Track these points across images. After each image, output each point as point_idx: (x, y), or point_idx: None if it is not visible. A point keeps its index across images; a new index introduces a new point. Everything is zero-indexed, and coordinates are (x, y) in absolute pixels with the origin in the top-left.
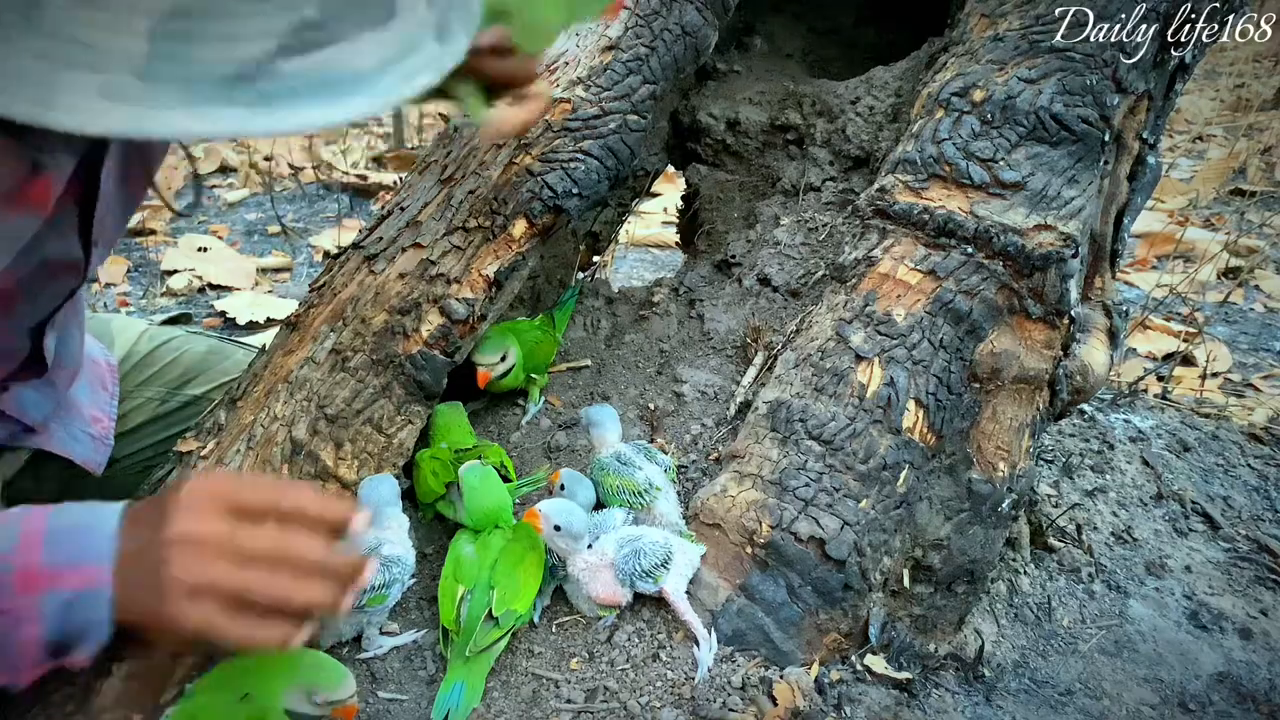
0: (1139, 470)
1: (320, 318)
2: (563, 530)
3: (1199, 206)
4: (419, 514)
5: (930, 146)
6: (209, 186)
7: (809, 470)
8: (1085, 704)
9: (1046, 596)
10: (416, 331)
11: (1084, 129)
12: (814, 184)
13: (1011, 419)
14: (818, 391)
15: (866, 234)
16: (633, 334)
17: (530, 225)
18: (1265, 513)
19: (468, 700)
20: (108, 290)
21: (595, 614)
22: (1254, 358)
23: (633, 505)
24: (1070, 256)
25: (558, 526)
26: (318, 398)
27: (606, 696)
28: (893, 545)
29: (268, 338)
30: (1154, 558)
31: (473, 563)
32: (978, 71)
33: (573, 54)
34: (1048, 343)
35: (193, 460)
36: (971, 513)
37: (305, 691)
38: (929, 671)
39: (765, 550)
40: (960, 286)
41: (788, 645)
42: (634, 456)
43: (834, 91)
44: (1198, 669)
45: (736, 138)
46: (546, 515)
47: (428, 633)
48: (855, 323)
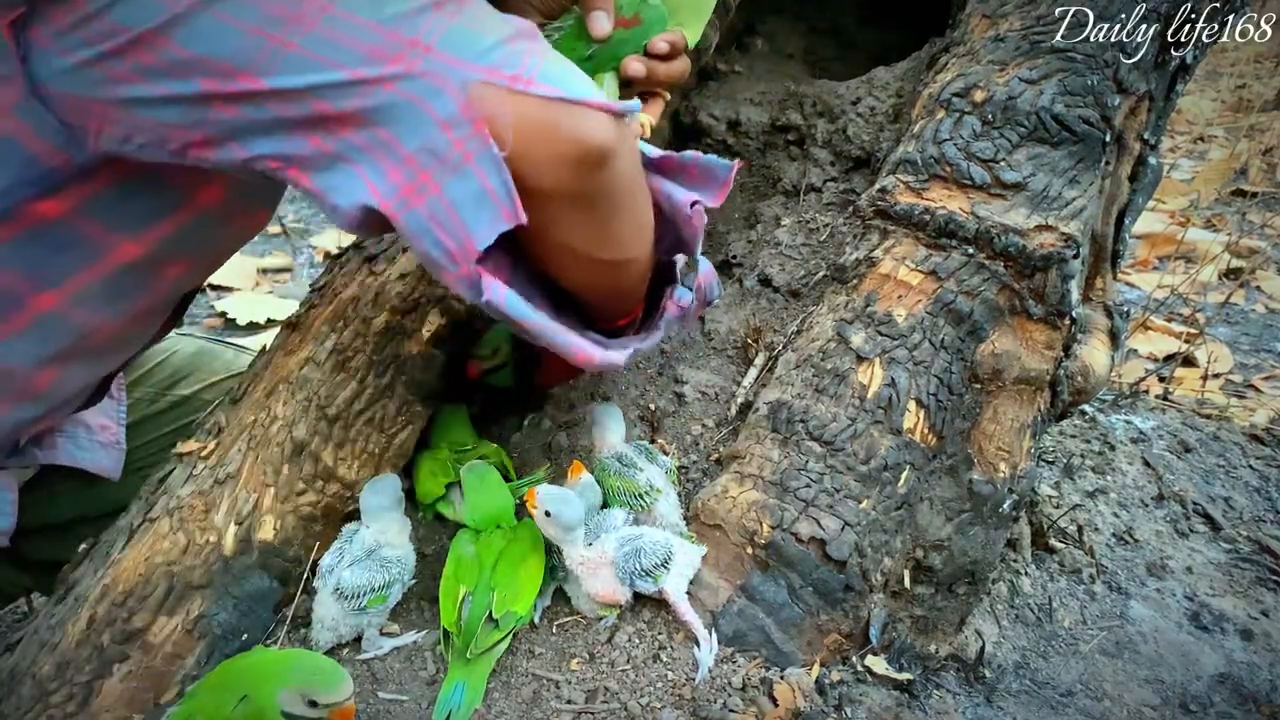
0: (1140, 471)
1: (321, 318)
2: (552, 517)
3: (1200, 207)
4: (419, 514)
5: (931, 147)
6: None
7: (810, 471)
8: (1086, 705)
9: (1047, 597)
10: (418, 332)
11: (1085, 129)
12: (815, 184)
13: (1012, 420)
14: (818, 392)
15: (867, 234)
16: None
17: None
18: (1266, 514)
19: (469, 701)
20: None
21: (595, 613)
22: (1255, 359)
23: (633, 507)
24: (1071, 257)
25: (547, 512)
26: (319, 398)
27: (607, 697)
28: (894, 546)
29: (268, 338)
30: (1155, 559)
31: (474, 563)
32: (979, 72)
33: None
34: (1049, 343)
35: (194, 462)
36: (972, 513)
37: (301, 694)
38: (930, 672)
39: (766, 551)
40: (961, 287)
41: (788, 646)
42: (635, 458)
43: (835, 92)
44: (1199, 670)
45: (737, 138)
46: (540, 499)
47: (428, 633)
48: (856, 323)
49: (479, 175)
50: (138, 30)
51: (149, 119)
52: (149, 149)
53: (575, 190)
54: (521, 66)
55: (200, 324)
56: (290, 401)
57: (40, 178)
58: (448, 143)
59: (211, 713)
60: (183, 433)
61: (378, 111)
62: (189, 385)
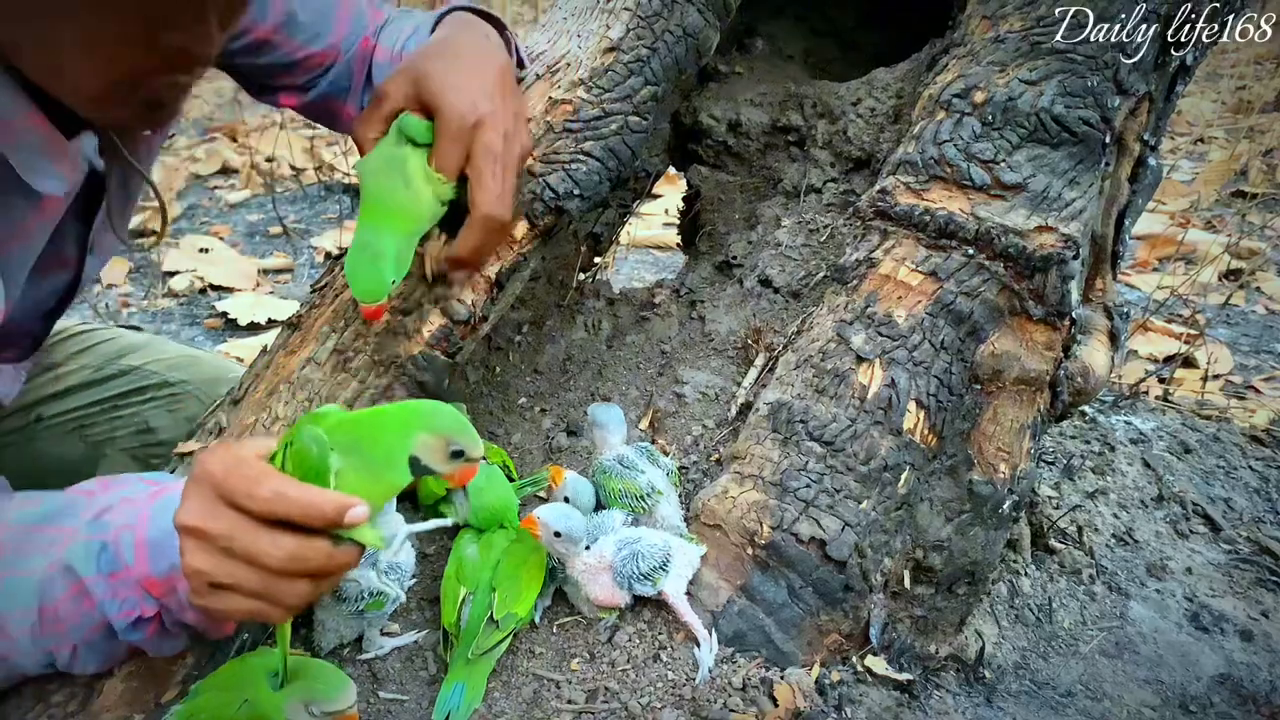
0: (1140, 472)
1: (322, 318)
2: (563, 536)
3: (1200, 208)
4: (420, 516)
5: (931, 148)
6: (211, 188)
7: (810, 471)
8: (1086, 705)
9: (1047, 598)
10: (418, 332)
11: (1085, 131)
12: (815, 185)
13: (1012, 420)
14: (819, 393)
15: (867, 235)
16: (634, 335)
17: (532, 226)
18: (1266, 515)
19: (469, 701)
20: (109, 291)
21: (595, 615)
22: (1255, 360)
23: (634, 509)
24: (1071, 258)
25: (558, 533)
26: (319, 398)
27: (607, 697)
28: (894, 546)
29: (268, 338)
30: (1155, 559)
31: (475, 564)
32: (979, 73)
33: (575, 55)
34: (1049, 344)
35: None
36: (972, 514)
37: (305, 701)
38: (930, 673)
39: (766, 551)
40: (961, 288)
41: (788, 646)
42: (636, 459)
43: (835, 93)
44: (1199, 671)
45: (738, 139)
46: (545, 522)
47: (428, 633)
48: (856, 324)
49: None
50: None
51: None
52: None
53: None
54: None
55: (201, 324)
56: (291, 402)
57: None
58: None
59: (213, 713)
60: (128, 396)
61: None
62: (138, 359)
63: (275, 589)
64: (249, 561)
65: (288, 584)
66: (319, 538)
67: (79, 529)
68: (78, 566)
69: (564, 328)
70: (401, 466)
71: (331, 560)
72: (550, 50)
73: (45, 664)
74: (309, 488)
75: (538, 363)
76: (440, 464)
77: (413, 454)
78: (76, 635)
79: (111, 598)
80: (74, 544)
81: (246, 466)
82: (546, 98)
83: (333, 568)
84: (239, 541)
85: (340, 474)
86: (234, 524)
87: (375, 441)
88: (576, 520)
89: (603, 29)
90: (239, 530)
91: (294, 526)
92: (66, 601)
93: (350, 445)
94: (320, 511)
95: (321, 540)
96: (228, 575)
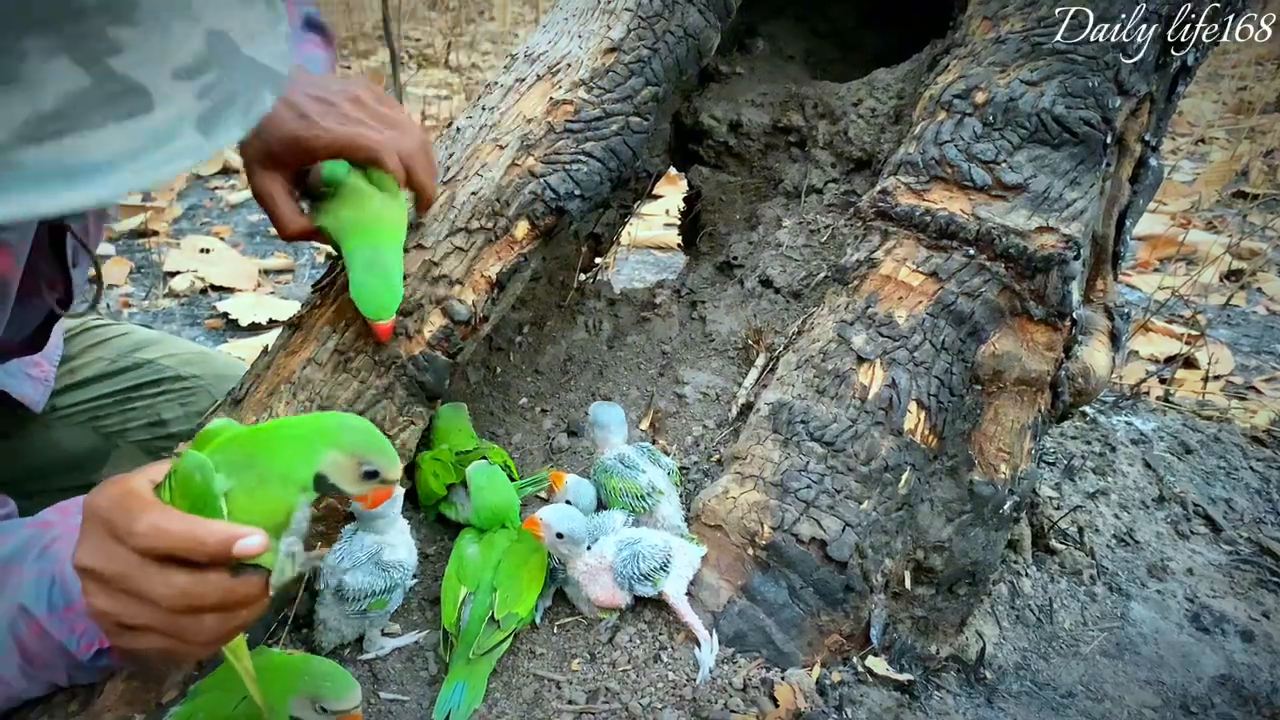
0: (1141, 472)
1: (323, 318)
2: (566, 537)
3: (1201, 209)
4: (420, 515)
5: (932, 148)
6: (212, 188)
7: (810, 472)
8: (1087, 706)
9: (1048, 598)
10: (419, 333)
11: (1086, 131)
12: (816, 186)
13: (1013, 421)
14: (819, 393)
15: (868, 236)
16: (634, 335)
17: (533, 227)
18: (1267, 515)
19: (469, 701)
20: (110, 291)
21: (596, 616)
22: (1256, 360)
23: (635, 509)
24: (1072, 258)
25: (561, 534)
26: (320, 398)
27: (608, 697)
28: (894, 547)
29: (269, 339)
30: (1156, 560)
31: (476, 564)
32: (980, 73)
33: (576, 56)
34: (1049, 345)
35: None
36: (973, 514)
37: (310, 700)
38: (930, 673)
39: (767, 552)
40: (962, 288)
41: (789, 646)
42: (637, 459)
43: (836, 93)
44: (1199, 671)
45: (738, 139)
46: (548, 524)
47: (429, 633)
48: (857, 324)
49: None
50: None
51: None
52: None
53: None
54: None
55: (202, 324)
56: (292, 402)
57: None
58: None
59: (213, 713)
60: (141, 389)
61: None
62: (152, 353)
63: (179, 628)
64: (147, 601)
65: (191, 621)
66: (216, 570)
67: (26, 567)
68: (30, 606)
69: (565, 328)
70: (302, 484)
71: (231, 594)
72: (551, 51)
73: (49, 688)
74: (191, 520)
75: (538, 363)
76: (350, 484)
77: (320, 471)
78: (59, 666)
79: (70, 634)
80: (25, 582)
81: (130, 499)
82: (547, 98)
83: (235, 601)
84: (132, 581)
85: (231, 495)
86: (125, 562)
87: (273, 456)
88: (579, 521)
89: (604, 29)
90: (130, 568)
91: (188, 560)
92: (33, 641)
93: (244, 462)
94: (203, 545)
95: (217, 573)
96: (131, 616)
